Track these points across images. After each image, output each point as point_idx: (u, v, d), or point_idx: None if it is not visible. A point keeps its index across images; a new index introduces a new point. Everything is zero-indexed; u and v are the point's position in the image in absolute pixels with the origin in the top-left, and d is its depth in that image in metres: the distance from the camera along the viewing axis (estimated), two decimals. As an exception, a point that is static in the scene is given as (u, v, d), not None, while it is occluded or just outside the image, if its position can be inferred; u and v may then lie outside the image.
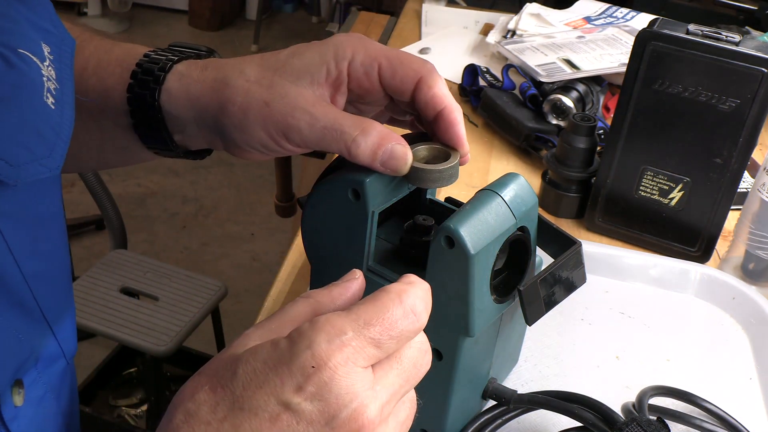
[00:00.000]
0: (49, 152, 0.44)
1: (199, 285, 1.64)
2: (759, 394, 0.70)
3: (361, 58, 0.51)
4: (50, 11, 0.49)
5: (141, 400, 1.82)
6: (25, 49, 0.43)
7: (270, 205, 1.60)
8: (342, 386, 0.36)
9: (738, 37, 0.77)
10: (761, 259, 0.81)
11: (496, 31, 1.35)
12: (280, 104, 0.50)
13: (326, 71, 0.51)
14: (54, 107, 0.45)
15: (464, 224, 0.50)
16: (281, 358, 0.37)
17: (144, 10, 4.17)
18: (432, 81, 0.51)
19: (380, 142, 0.49)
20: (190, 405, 0.38)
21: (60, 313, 0.53)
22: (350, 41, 0.52)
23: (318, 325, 0.37)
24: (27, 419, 0.49)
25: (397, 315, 0.38)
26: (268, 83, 0.51)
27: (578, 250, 0.59)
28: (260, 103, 0.50)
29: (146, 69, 0.55)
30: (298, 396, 0.36)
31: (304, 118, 0.50)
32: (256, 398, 0.37)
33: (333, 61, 0.51)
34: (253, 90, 0.51)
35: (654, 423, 0.55)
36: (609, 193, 0.88)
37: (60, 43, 0.48)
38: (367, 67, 0.52)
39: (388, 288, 0.39)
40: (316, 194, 0.57)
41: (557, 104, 1.05)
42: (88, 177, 1.61)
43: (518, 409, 0.62)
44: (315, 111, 0.50)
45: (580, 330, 0.75)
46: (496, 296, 0.55)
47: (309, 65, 0.51)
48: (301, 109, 0.50)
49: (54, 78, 0.45)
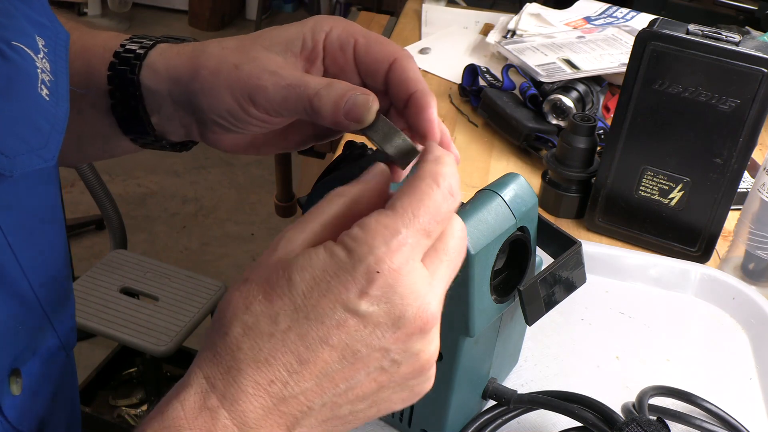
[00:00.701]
0: (44, 143, 0.45)
1: (199, 285, 1.64)
2: (759, 394, 0.70)
3: (338, 32, 0.51)
4: (45, 5, 0.49)
5: (141, 400, 1.81)
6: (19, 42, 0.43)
7: (270, 205, 1.60)
8: (406, 286, 0.37)
9: (738, 37, 0.77)
10: (761, 259, 0.81)
11: (496, 31, 1.35)
12: (249, 66, 0.50)
13: (302, 42, 0.51)
14: (49, 99, 0.45)
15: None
16: (342, 266, 0.37)
17: (144, 10, 4.17)
18: (406, 64, 0.50)
19: (343, 93, 0.47)
20: (246, 317, 0.37)
21: (59, 305, 0.53)
22: (330, 18, 0.52)
23: (372, 230, 0.37)
24: (25, 408, 0.49)
25: (439, 199, 0.39)
26: (242, 48, 0.51)
27: (578, 250, 0.59)
28: (230, 66, 0.50)
29: (129, 49, 0.55)
30: (365, 301, 0.37)
31: (270, 78, 0.49)
32: (321, 306, 0.37)
33: (310, 33, 0.51)
34: (226, 55, 0.51)
35: (654, 423, 0.55)
36: (609, 193, 0.88)
37: (55, 37, 0.48)
38: (343, 42, 0.51)
39: (422, 173, 0.40)
40: (316, 194, 0.57)
41: (557, 104, 1.05)
42: (88, 177, 1.61)
43: (518, 409, 0.62)
44: (282, 71, 0.49)
45: (580, 330, 0.75)
46: (496, 296, 0.55)
47: (286, 36, 0.51)
48: (269, 71, 0.49)
49: (49, 70, 0.46)
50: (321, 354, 0.37)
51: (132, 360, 1.86)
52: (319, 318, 0.37)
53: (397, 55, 0.50)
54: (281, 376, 0.37)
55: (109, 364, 1.85)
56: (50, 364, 0.53)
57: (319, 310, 0.37)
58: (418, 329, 0.38)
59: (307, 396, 0.38)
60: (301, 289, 0.37)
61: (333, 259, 0.37)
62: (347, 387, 0.38)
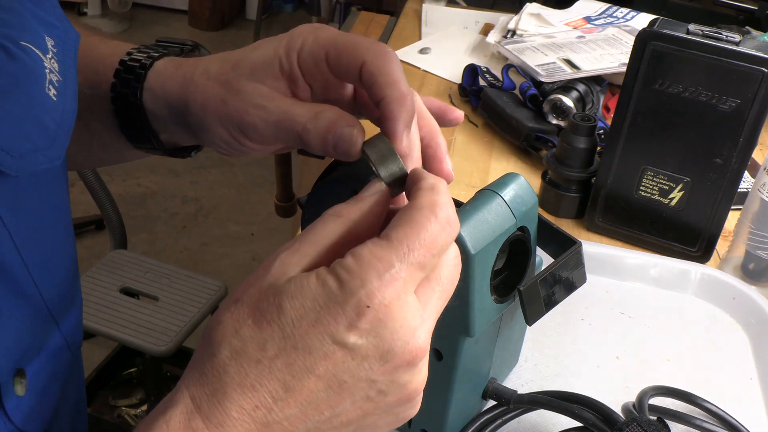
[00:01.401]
0: (50, 143, 0.45)
1: (199, 285, 1.63)
2: (759, 394, 0.70)
3: (309, 47, 0.48)
4: (55, 5, 0.49)
5: (141, 400, 1.81)
6: (27, 42, 0.43)
7: (270, 205, 1.60)
8: (396, 320, 0.37)
9: (738, 37, 0.77)
10: (761, 259, 0.81)
11: (496, 31, 1.35)
12: (235, 101, 0.49)
13: (279, 64, 0.49)
14: (56, 98, 0.45)
15: (464, 224, 0.50)
16: (333, 297, 0.36)
17: (144, 10, 4.17)
18: (376, 65, 0.45)
19: (329, 126, 0.45)
20: (235, 341, 0.37)
21: (64, 304, 0.53)
22: (304, 31, 0.49)
23: (365, 262, 0.36)
24: (29, 408, 0.49)
25: (435, 231, 0.38)
26: (225, 79, 0.50)
27: (578, 250, 0.59)
28: (217, 101, 0.49)
29: (128, 67, 0.54)
30: (353, 334, 0.36)
31: (258, 113, 0.48)
32: (310, 336, 0.36)
33: (284, 53, 0.48)
34: (211, 88, 0.50)
35: (654, 423, 0.55)
36: (609, 193, 0.88)
37: (64, 37, 0.48)
38: (315, 57, 0.48)
39: (419, 203, 0.39)
40: (316, 194, 0.57)
41: (557, 104, 1.05)
42: (88, 177, 1.61)
43: (518, 409, 0.62)
44: (268, 105, 0.48)
45: (580, 330, 0.75)
46: (496, 296, 0.55)
47: (263, 59, 0.49)
48: (255, 104, 0.48)
49: (57, 70, 0.46)
50: (307, 383, 0.37)
51: (132, 360, 1.85)
52: (307, 348, 0.36)
53: (366, 57, 0.45)
54: (266, 402, 0.37)
55: (109, 364, 1.85)
56: (55, 364, 0.53)
57: (307, 340, 0.36)
58: (406, 362, 0.38)
59: (291, 422, 0.37)
60: (291, 318, 0.37)
61: (324, 290, 0.36)
62: (332, 414, 0.38)
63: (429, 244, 0.37)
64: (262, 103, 0.48)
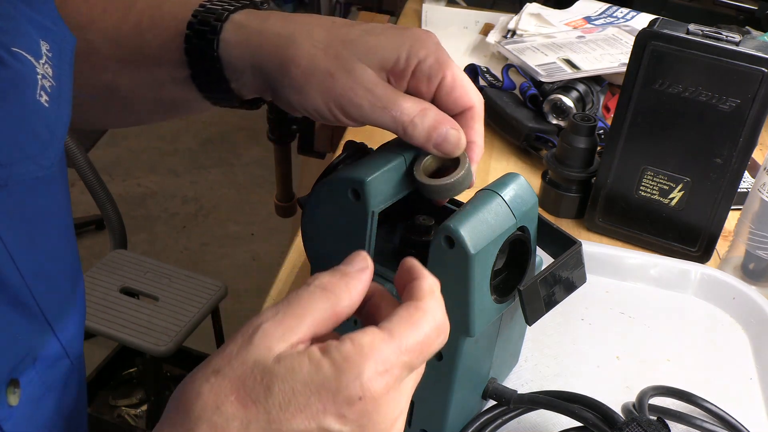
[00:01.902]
0: (42, 150, 0.44)
1: (199, 285, 1.64)
2: (759, 394, 0.70)
3: (431, 62, 0.51)
4: (51, 8, 0.48)
5: (141, 400, 1.82)
6: (20, 48, 0.43)
7: (270, 205, 1.60)
8: (381, 413, 0.37)
9: (738, 37, 0.77)
10: (761, 259, 0.81)
11: (496, 31, 1.35)
12: (344, 78, 0.50)
13: (396, 60, 0.51)
14: (48, 105, 0.44)
15: (464, 224, 0.50)
16: (326, 384, 0.36)
17: (144, 10, 4.17)
18: (477, 116, 0.53)
19: (436, 124, 0.50)
20: (216, 418, 0.36)
21: (62, 311, 0.52)
22: (427, 42, 0.52)
23: (365, 352, 0.36)
24: (23, 419, 0.48)
25: (432, 337, 0.39)
26: (335, 53, 0.50)
27: (578, 250, 0.59)
28: (324, 73, 0.50)
29: (202, 20, 0.54)
30: (340, 423, 0.36)
31: (366, 96, 0.50)
32: (296, 422, 0.36)
33: (405, 54, 0.51)
34: (319, 57, 0.51)
35: (654, 423, 0.55)
36: (609, 193, 0.88)
37: (60, 41, 0.48)
38: (432, 74, 0.52)
39: (422, 305, 0.39)
40: (316, 194, 0.57)
41: (557, 104, 1.05)
42: (88, 177, 1.61)
43: (518, 409, 0.62)
44: (377, 90, 0.50)
45: (580, 330, 0.75)
46: (496, 296, 0.55)
47: (381, 48, 0.51)
48: (364, 87, 0.50)
49: (51, 76, 0.45)
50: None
51: (132, 360, 1.86)
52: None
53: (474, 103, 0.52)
54: None
55: (109, 364, 1.85)
56: (52, 373, 0.51)
57: (292, 425, 0.36)
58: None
59: None
60: (279, 401, 0.36)
61: (318, 375, 0.36)
62: None
63: (425, 348, 0.38)
64: (372, 88, 0.50)
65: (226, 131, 3.25)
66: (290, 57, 0.51)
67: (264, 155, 3.05)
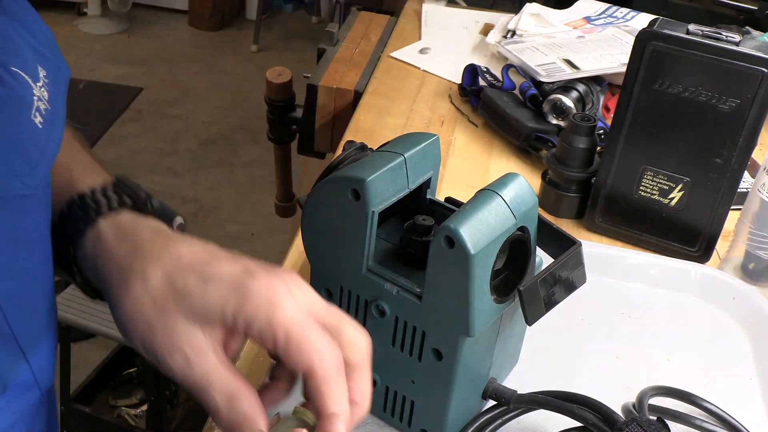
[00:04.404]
0: (30, 169, 0.44)
1: (199, 285, 1.63)
2: (759, 394, 0.70)
3: (259, 326, 0.45)
4: (50, 40, 0.49)
5: (141, 400, 1.82)
6: (18, 68, 0.43)
7: (270, 205, 1.60)
8: None
9: (738, 37, 0.77)
10: (761, 259, 0.81)
11: (496, 31, 1.35)
12: (163, 336, 0.46)
13: (221, 318, 0.46)
14: (42, 126, 0.44)
15: (464, 224, 0.50)
16: None
17: (144, 10, 4.17)
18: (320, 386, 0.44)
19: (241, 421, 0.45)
20: None
21: (36, 338, 0.51)
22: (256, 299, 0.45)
23: None
24: None
25: None
26: (162, 305, 0.46)
27: (578, 250, 0.59)
28: (145, 325, 0.46)
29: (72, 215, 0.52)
30: None
31: (179, 360, 0.46)
32: None
33: (231, 313, 0.45)
34: (145, 306, 0.47)
35: (654, 423, 0.55)
36: (609, 193, 0.88)
37: (56, 70, 0.48)
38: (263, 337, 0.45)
39: None
40: (316, 194, 0.57)
41: (557, 104, 1.05)
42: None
43: (518, 409, 0.62)
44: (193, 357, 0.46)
45: (580, 330, 0.75)
46: (496, 296, 0.55)
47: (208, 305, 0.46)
48: (181, 350, 0.46)
49: (46, 99, 0.45)
50: None
51: (132, 360, 1.86)
52: None
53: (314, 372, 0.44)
54: None
55: (109, 364, 1.85)
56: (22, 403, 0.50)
57: None
58: None
59: None
60: None
61: None
62: None
63: None
64: (189, 355, 0.46)
65: (226, 131, 3.25)
66: (118, 295, 0.48)
67: (264, 155, 3.05)
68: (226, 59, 3.85)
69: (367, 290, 0.58)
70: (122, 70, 3.62)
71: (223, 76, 3.69)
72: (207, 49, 3.94)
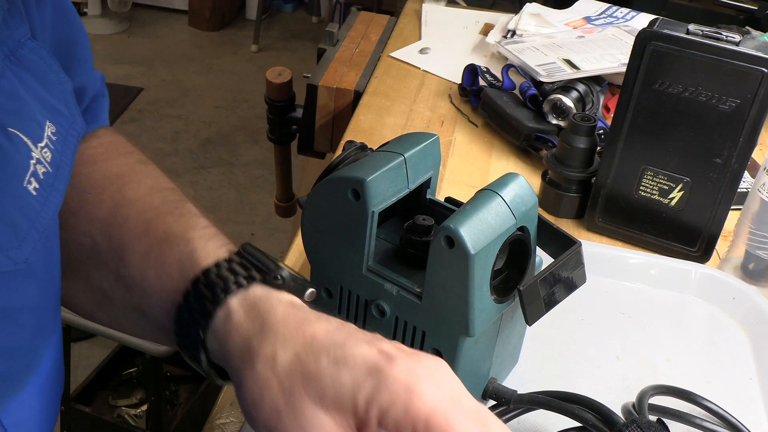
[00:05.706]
0: (18, 243, 0.41)
1: (199, 285, 1.63)
2: (759, 394, 0.70)
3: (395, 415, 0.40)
4: (67, 92, 0.46)
5: (141, 400, 1.81)
6: (17, 129, 0.40)
7: (270, 205, 1.60)
8: None
9: (738, 37, 0.77)
10: (761, 259, 0.81)
11: (496, 31, 1.35)
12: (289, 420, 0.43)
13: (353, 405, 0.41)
14: (36, 193, 0.41)
15: (464, 224, 0.50)
16: None
17: (144, 10, 4.17)
18: None
19: None
20: None
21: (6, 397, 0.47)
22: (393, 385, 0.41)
23: None
24: None
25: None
26: (290, 388, 0.43)
27: (578, 250, 0.59)
28: (271, 408, 0.43)
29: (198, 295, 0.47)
30: None
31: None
32: None
33: (363, 402, 0.41)
34: (272, 389, 0.43)
35: (654, 425, 0.55)
36: (609, 193, 0.88)
37: (68, 126, 0.46)
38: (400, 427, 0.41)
39: None
40: (316, 194, 0.57)
41: (557, 104, 1.05)
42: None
43: (518, 409, 0.62)
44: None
45: (580, 330, 0.75)
46: (496, 296, 0.55)
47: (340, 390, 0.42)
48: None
49: (48, 161, 0.43)
50: None
51: (132, 360, 1.85)
52: None
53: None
54: None
55: (109, 364, 1.85)
56: None
57: None
58: None
59: None
60: None
61: None
62: None
63: None
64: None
65: (226, 131, 3.25)
66: (244, 377, 0.44)
67: (264, 155, 3.05)
68: (226, 59, 3.85)
69: (367, 290, 0.58)
70: (122, 70, 3.62)
71: (223, 76, 3.69)
72: (207, 49, 3.94)
